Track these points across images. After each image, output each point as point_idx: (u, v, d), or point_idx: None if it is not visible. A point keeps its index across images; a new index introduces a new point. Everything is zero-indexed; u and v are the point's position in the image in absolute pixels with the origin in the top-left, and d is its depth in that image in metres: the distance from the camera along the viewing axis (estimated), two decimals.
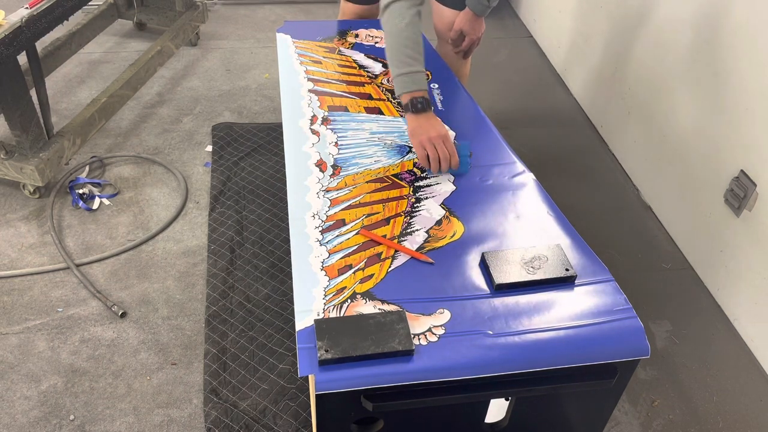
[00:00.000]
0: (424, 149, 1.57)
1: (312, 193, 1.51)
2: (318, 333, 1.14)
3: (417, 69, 1.62)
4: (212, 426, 1.56)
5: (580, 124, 2.76)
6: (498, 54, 3.23)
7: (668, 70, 2.17)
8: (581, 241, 1.39)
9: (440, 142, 1.57)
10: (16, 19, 1.92)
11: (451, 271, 1.31)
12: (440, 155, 1.56)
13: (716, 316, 1.95)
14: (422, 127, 1.59)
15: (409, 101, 1.60)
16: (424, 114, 1.61)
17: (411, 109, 1.61)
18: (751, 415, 1.69)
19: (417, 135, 1.59)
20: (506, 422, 1.32)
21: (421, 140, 1.58)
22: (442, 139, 1.57)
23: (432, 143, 1.56)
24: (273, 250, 2.03)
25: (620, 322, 1.22)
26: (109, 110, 2.44)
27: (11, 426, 1.57)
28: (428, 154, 1.56)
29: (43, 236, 2.07)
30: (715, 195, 1.96)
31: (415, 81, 1.61)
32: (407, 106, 1.61)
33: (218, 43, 3.20)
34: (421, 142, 1.58)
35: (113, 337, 1.79)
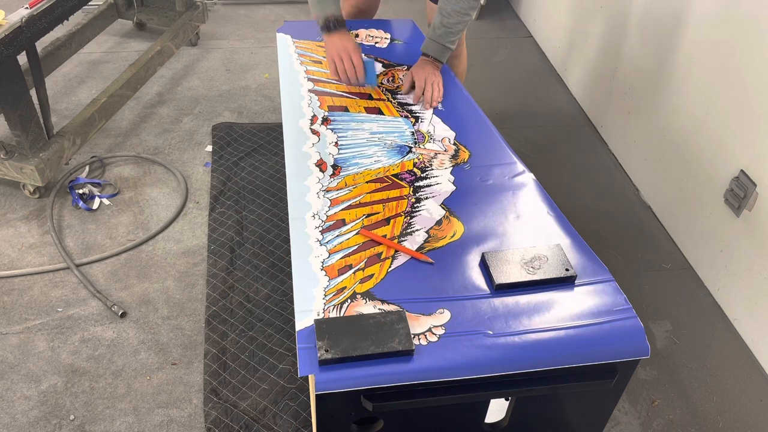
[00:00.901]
0: (334, 63, 1.83)
1: (312, 193, 1.51)
2: (318, 333, 1.14)
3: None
4: (212, 426, 1.56)
5: (580, 123, 2.76)
6: (498, 54, 3.23)
7: (668, 69, 2.17)
8: (581, 241, 1.39)
9: (347, 57, 1.82)
10: (16, 19, 1.92)
11: (451, 271, 1.31)
12: (347, 67, 1.82)
13: (716, 316, 1.95)
14: (333, 43, 1.84)
15: (323, 23, 1.84)
16: (336, 32, 1.84)
17: (325, 29, 1.85)
18: (751, 415, 1.69)
19: (329, 49, 1.85)
20: (506, 422, 1.32)
21: (332, 54, 1.83)
22: (349, 54, 1.82)
23: (341, 57, 1.82)
24: (273, 250, 2.03)
25: (620, 322, 1.22)
26: (109, 110, 2.44)
27: (11, 426, 1.58)
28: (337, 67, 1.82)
29: (43, 236, 2.07)
30: (715, 195, 1.96)
31: (327, 5, 1.84)
32: (322, 26, 1.85)
33: (218, 43, 3.20)
34: (332, 56, 1.83)
35: (113, 337, 1.79)
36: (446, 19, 1.84)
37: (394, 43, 2.15)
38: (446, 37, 1.87)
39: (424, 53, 1.92)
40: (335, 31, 1.85)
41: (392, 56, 2.07)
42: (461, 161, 1.63)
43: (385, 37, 2.17)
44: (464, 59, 2.29)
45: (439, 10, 1.85)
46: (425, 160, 1.63)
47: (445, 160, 1.63)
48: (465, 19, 1.85)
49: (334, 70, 1.84)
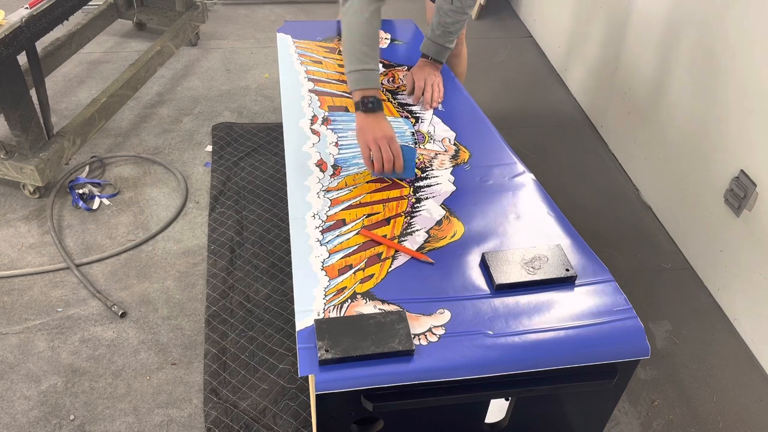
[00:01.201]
0: (369, 149, 1.55)
1: (312, 193, 1.51)
2: (318, 333, 1.14)
3: (371, 67, 1.59)
4: (212, 426, 1.56)
5: (580, 124, 2.76)
6: (498, 54, 3.23)
7: (668, 70, 2.17)
8: (581, 242, 1.39)
9: (385, 144, 1.54)
10: (16, 19, 1.92)
11: (452, 272, 1.31)
12: (384, 156, 1.53)
13: (716, 316, 1.96)
14: (370, 126, 1.56)
15: (360, 99, 1.58)
16: (373, 114, 1.58)
17: (361, 108, 1.58)
18: (751, 415, 1.70)
19: (363, 134, 1.56)
20: (506, 422, 1.32)
21: (367, 140, 1.55)
22: (387, 141, 1.54)
23: (377, 144, 1.54)
24: (273, 250, 2.03)
25: (620, 322, 1.22)
26: (109, 110, 2.44)
27: (11, 426, 1.57)
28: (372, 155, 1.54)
29: (43, 236, 2.07)
30: (715, 195, 1.96)
31: (368, 79, 1.59)
32: (358, 104, 1.58)
33: (218, 43, 3.20)
34: (367, 142, 1.55)
35: (113, 337, 1.79)
36: (444, 18, 1.84)
37: (394, 43, 2.15)
38: (444, 37, 1.87)
39: (423, 54, 1.92)
40: (372, 112, 1.58)
41: (392, 56, 2.07)
42: (461, 161, 1.63)
43: (386, 38, 2.17)
44: (464, 59, 2.29)
45: (437, 10, 1.86)
46: (425, 160, 1.63)
47: (445, 161, 1.63)
48: (462, 18, 1.84)
49: (368, 156, 1.55)
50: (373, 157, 1.54)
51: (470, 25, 3.48)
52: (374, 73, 1.60)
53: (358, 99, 1.59)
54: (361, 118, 1.58)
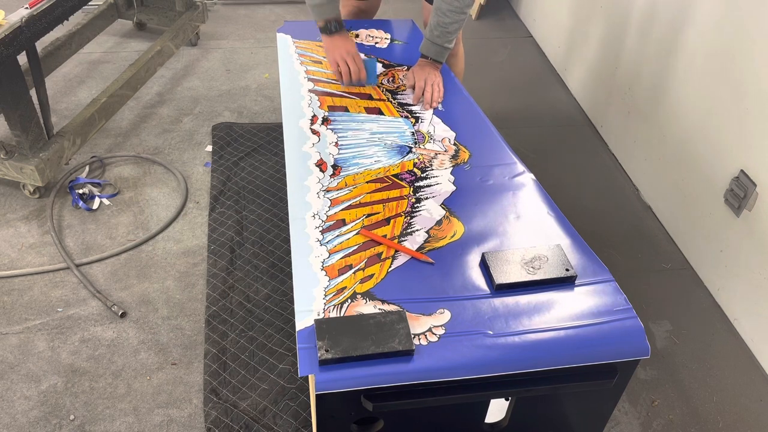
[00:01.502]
0: (338, 64, 1.86)
1: (312, 193, 1.51)
2: (318, 333, 1.14)
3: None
4: (212, 426, 1.56)
5: (580, 123, 2.76)
6: (498, 54, 3.23)
7: (668, 70, 2.17)
8: (581, 242, 1.39)
9: (350, 59, 1.86)
10: (16, 19, 1.92)
11: (452, 271, 1.31)
12: (351, 69, 1.86)
13: (716, 316, 1.96)
14: (335, 45, 1.88)
15: (324, 24, 1.88)
16: (337, 34, 1.89)
17: (326, 31, 1.89)
18: (751, 415, 1.70)
19: (331, 52, 1.89)
20: (506, 422, 1.32)
21: (335, 56, 1.87)
22: (352, 56, 1.87)
23: (344, 59, 1.86)
24: (273, 250, 2.03)
25: (620, 322, 1.22)
26: (109, 110, 2.44)
27: (11, 426, 1.58)
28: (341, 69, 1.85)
29: (43, 236, 2.07)
30: (715, 195, 1.96)
31: (329, 9, 1.87)
32: (322, 28, 1.89)
33: (218, 43, 3.20)
34: (335, 58, 1.87)
35: (113, 337, 1.79)
36: (442, 18, 1.84)
37: (394, 43, 2.15)
38: (443, 37, 1.87)
39: (423, 54, 1.92)
40: (336, 33, 1.89)
41: (392, 56, 2.07)
42: (461, 161, 1.63)
43: (386, 38, 2.17)
44: (461, 58, 2.29)
45: (435, 10, 1.86)
46: (425, 160, 1.63)
47: (445, 161, 1.63)
48: (461, 17, 1.84)
49: (337, 71, 1.87)
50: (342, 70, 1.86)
51: (470, 25, 3.48)
52: (333, 3, 1.88)
53: (322, 24, 1.89)
54: (327, 40, 1.90)
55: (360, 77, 1.88)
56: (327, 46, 1.91)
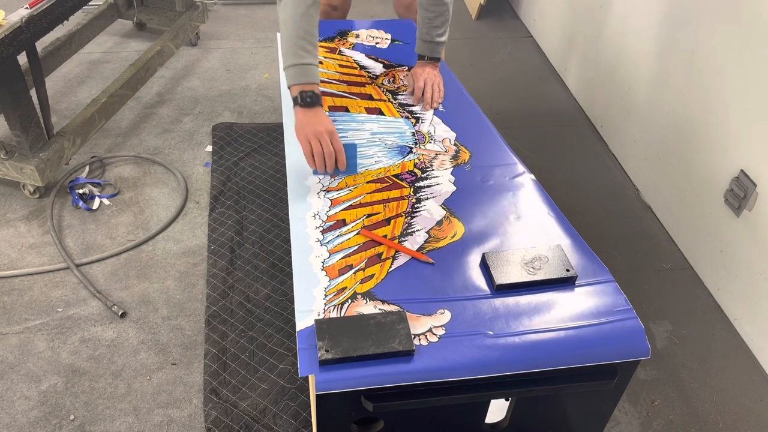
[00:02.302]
0: (310, 145, 1.51)
1: (312, 193, 1.51)
2: (318, 333, 1.14)
3: (309, 61, 1.55)
4: (212, 426, 1.56)
5: (580, 123, 2.76)
6: (498, 54, 3.23)
7: (668, 70, 2.17)
8: (581, 242, 1.39)
9: (326, 139, 1.50)
10: (16, 19, 1.92)
11: (452, 272, 1.31)
12: (325, 151, 1.50)
13: (716, 316, 1.96)
14: (309, 121, 1.52)
15: (299, 94, 1.54)
16: (312, 109, 1.54)
17: (300, 103, 1.54)
18: (751, 415, 1.70)
19: (303, 129, 1.52)
20: (506, 422, 1.32)
21: (307, 135, 1.51)
22: (329, 135, 1.51)
23: (318, 138, 1.50)
24: (273, 250, 2.03)
25: (621, 322, 1.22)
26: (109, 110, 2.44)
27: (11, 426, 1.57)
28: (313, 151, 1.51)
29: (43, 236, 2.07)
30: (715, 195, 1.96)
31: (305, 73, 1.55)
32: (296, 99, 1.54)
33: (218, 43, 3.20)
34: (307, 137, 1.51)
35: (113, 337, 1.79)
36: (426, 13, 1.84)
37: (394, 43, 2.15)
38: (432, 32, 1.87)
39: (419, 55, 1.93)
40: (311, 107, 1.54)
41: (393, 56, 2.07)
42: (462, 162, 1.63)
43: (386, 38, 2.17)
44: None
45: (419, 8, 1.87)
46: (426, 160, 1.63)
47: (445, 161, 1.64)
48: (443, 9, 1.82)
49: (309, 152, 1.52)
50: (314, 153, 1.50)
51: (470, 25, 3.48)
52: (312, 68, 1.56)
53: (296, 94, 1.54)
54: (300, 114, 1.54)
55: (337, 164, 1.53)
56: (299, 122, 1.54)
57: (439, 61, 1.93)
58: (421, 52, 1.91)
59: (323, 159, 1.51)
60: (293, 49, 1.54)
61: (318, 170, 1.53)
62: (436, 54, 1.91)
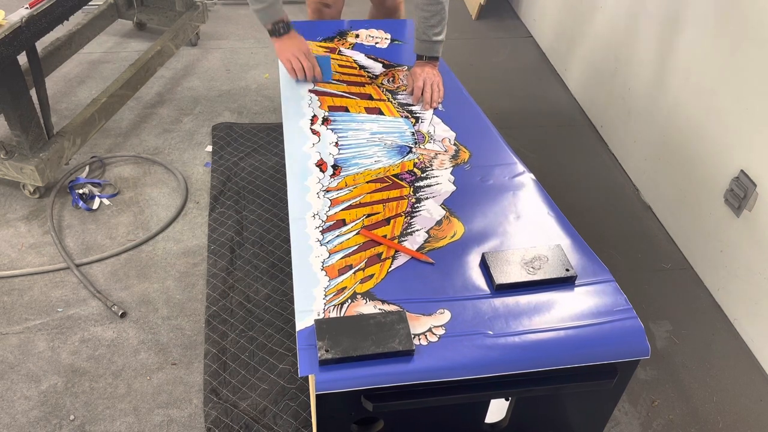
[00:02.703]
0: (290, 63, 1.87)
1: (312, 193, 1.51)
2: (318, 333, 1.14)
3: (271, 2, 1.82)
4: (212, 426, 1.56)
5: (580, 124, 2.76)
6: (498, 54, 3.23)
7: (668, 70, 2.17)
8: (581, 242, 1.39)
9: (302, 55, 1.87)
10: (16, 19, 1.92)
11: (452, 272, 1.31)
12: (305, 65, 1.87)
13: (716, 316, 1.96)
14: (286, 45, 1.88)
15: (272, 27, 1.86)
16: (286, 35, 1.88)
17: (275, 34, 1.87)
18: (751, 415, 1.70)
19: (283, 52, 1.88)
20: (506, 422, 1.32)
21: (287, 56, 1.87)
22: (304, 53, 1.88)
23: (296, 57, 1.87)
24: (273, 250, 2.03)
25: (620, 322, 1.22)
26: (109, 110, 2.44)
27: (11, 426, 1.57)
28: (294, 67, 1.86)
29: (43, 236, 2.07)
30: (715, 195, 1.96)
31: (272, 12, 1.84)
32: (271, 31, 1.87)
33: (218, 43, 3.20)
34: (288, 58, 1.87)
35: (113, 337, 1.79)
36: (422, 13, 1.85)
37: (394, 43, 2.15)
38: (428, 31, 1.87)
39: (418, 55, 1.93)
40: (284, 34, 1.88)
41: (393, 56, 2.07)
42: (461, 161, 1.63)
43: (386, 38, 2.17)
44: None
45: (415, 8, 1.88)
46: (425, 160, 1.63)
47: (445, 161, 1.64)
48: (438, 8, 1.84)
49: (291, 69, 1.88)
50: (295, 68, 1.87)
51: (470, 25, 3.48)
52: (277, 5, 1.84)
53: (270, 27, 1.86)
54: (278, 42, 1.89)
55: (315, 73, 1.89)
56: (277, 48, 1.90)
57: (438, 61, 1.93)
58: (419, 51, 1.92)
59: (303, 72, 1.88)
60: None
61: (299, 79, 1.90)
62: (434, 53, 1.91)
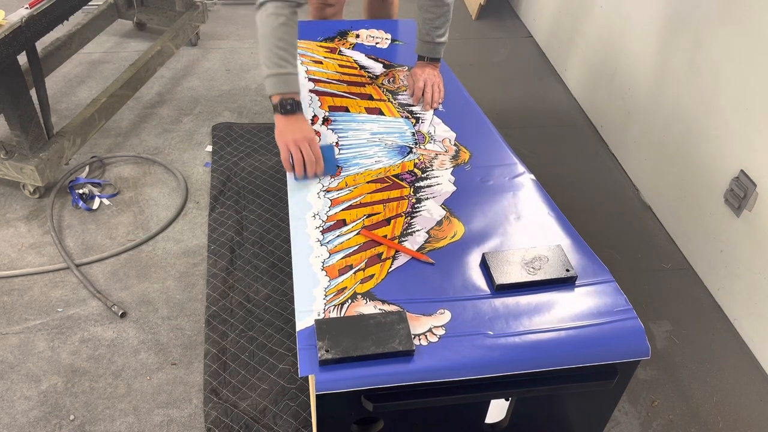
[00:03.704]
0: (289, 151, 1.55)
1: (312, 193, 1.51)
2: (318, 333, 1.14)
3: (289, 71, 1.58)
4: (212, 426, 1.56)
5: (580, 124, 2.76)
6: (498, 54, 3.23)
7: (668, 70, 2.17)
8: (581, 242, 1.39)
9: (306, 145, 1.54)
10: (16, 19, 1.92)
11: (452, 272, 1.31)
12: (305, 158, 1.54)
13: (716, 316, 1.96)
14: (290, 128, 1.57)
15: (279, 102, 1.58)
16: (293, 116, 1.59)
17: (280, 110, 1.58)
18: (751, 415, 1.70)
19: (283, 136, 1.57)
20: (506, 423, 1.32)
21: (287, 142, 1.56)
22: (308, 142, 1.55)
23: (297, 146, 1.54)
24: (273, 250, 2.03)
25: (621, 322, 1.22)
26: (109, 110, 2.44)
27: (11, 426, 1.57)
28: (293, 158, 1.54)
29: (43, 236, 2.07)
30: (715, 195, 1.96)
31: (286, 82, 1.58)
32: (276, 106, 1.59)
33: (218, 43, 3.20)
34: (287, 144, 1.55)
35: (113, 337, 1.79)
36: (426, 14, 1.85)
37: (394, 43, 2.15)
38: (432, 32, 1.87)
39: (419, 56, 1.93)
40: (291, 113, 1.59)
41: (393, 57, 2.07)
42: (462, 162, 1.63)
43: (386, 38, 2.17)
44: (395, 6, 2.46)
45: (419, 9, 1.87)
46: (426, 160, 1.63)
47: (445, 161, 1.64)
48: (443, 10, 1.83)
49: (287, 158, 1.56)
50: (293, 160, 1.54)
51: (470, 25, 3.48)
52: (292, 77, 1.59)
53: (276, 102, 1.58)
54: (281, 121, 1.59)
55: (316, 170, 1.55)
56: (279, 128, 1.59)
57: (439, 62, 1.93)
58: (421, 52, 1.92)
59: (303, 166, 1.55)
60: (273, 59, 1.56)
61: (297, 177, 1.56)
62: (436, 54, 1.91)
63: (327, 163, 1.57)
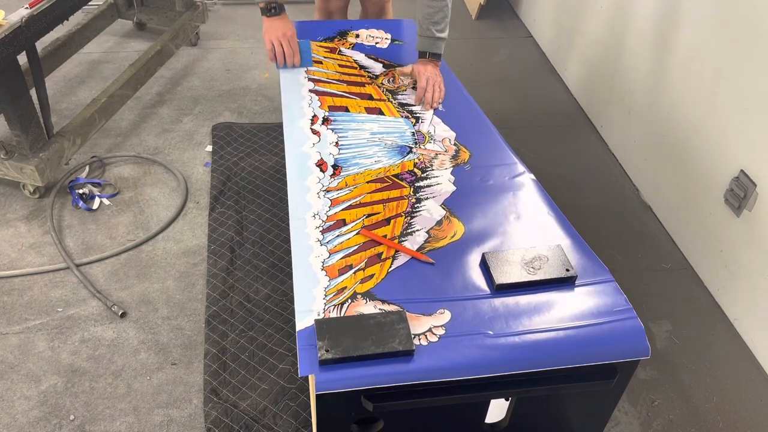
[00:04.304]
0: (272, 45, 1.94)
1: (312, 193, 1.51)
2: (318, 333, 1.14)
3: None
4: (212, 426, 1.56)
5: (580, 123, 2.76)
6: (498, 54, 3.23)
7: (668, 70, 2.17)
8: (581, 242, 1.39)
9: (286, 41, 1.94)
10: (16, 19, 1.92)
11: (452, 272, 1.31)
12: (286, 52, 1.94)
13: (716, 316, 1.96)
14: (273, 27, 1.93)
15: (265, 5, 1.92)
16: (277, 16, 1.93)
17: (266, 13, 1.93)
18: (751, 415, 1.70)
19: (268, 33, 1.94)
20: (506, 422, 1.32)
21: (271, 38, 1.94)
22: (288, 39, 1.94)
23: (279, 41, 1.93)
24: (273, 250, 2.03)
25: (620, 322, 1.22)
26: (109, 110, 2.44)
27: (11, 426, 1.57)
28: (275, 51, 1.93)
29: (43, 236, 2.07)
30: (715, 195, 1.96)
31: None
32: (263, 9, 1.93)
33: (218, 43, 3.20)
34: (272, 39, 1.94)
35: (113, 337, 1.79)
36: (425, 10, 1.86)
37: (394, 43, 2.15)
38: (432, 27, 1.88)
39: (420, 52, 1.93)
40: (275, 15, 1.93)
41: (393, 56, 2.07)
42: (461, 161, 1.63)
43: (386, 38, 2.17)
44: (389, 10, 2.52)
45: (418, 5, 1.88)
46: (426, 160, 1.63)
47: (445, 161, 1.64)
48: (442, 4, 1.85)
49: (271, 50, 1.94)
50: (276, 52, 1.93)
51: (470, 25, 3.48)
52: None
53: (263, 5, 1.92)
54: (267, 22, 1.94)
55: (294, 61, 1.95)
56: (265, 27, 1.95)
57: (440, 59, 1.93)
58: (422, 48, 1.92)
59: (283, 57, 1.95)
60: None
61: (278, 65, 1.97)
62: (437, 50, 1.91)
63: (303, 56, 1.98)
